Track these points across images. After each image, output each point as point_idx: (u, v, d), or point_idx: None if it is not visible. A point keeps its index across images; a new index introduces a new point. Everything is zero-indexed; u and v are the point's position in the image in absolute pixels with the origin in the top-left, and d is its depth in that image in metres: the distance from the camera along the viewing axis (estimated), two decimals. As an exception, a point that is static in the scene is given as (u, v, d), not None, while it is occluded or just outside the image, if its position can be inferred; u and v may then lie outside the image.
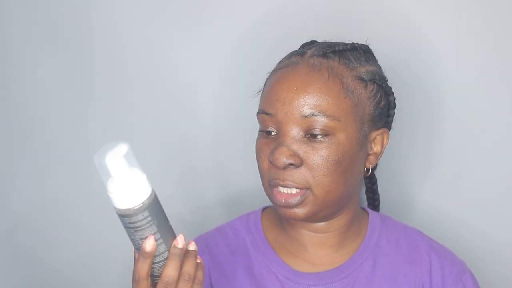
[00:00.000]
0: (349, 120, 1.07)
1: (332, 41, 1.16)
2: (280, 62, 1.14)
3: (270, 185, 1.08)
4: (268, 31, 1.36)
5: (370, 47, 1.16)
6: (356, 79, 1.08)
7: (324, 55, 1.09)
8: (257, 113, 1.10)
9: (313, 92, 1.05)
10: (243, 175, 1.41)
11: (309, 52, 1.10)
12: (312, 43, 1.16)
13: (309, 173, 1.05)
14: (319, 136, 1.05)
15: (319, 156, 1.05)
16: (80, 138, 1.46)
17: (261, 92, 1.14)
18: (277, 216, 1.18)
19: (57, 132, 1.47)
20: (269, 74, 1.13)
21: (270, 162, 1.06)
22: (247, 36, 1.37)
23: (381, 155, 1.14)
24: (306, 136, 1.06)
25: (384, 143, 1.13)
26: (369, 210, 1.19)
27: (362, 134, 1.09)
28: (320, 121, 1.05)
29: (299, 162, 1.05)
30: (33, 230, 1.49)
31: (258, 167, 1.10)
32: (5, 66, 1.46)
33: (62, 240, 1.49)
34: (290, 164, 1.05)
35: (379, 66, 1.16)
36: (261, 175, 1.10)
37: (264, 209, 1.22)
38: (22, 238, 1.50)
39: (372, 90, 1.10)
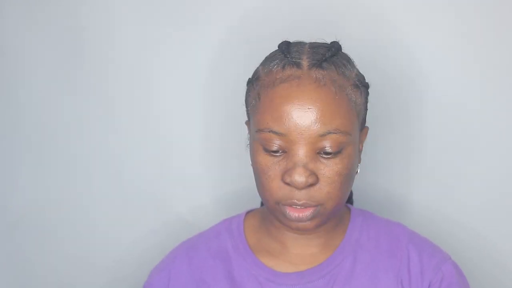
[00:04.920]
0: (355, 131, 1.05)
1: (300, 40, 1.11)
2: (273, 73, 1.06)
3: (279, 203, 1.05)
4: (249, 31, 1.36)
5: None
6: (353, 88, 1.06)
7: (320, 66, 1.04)
8: (260, 130, 1.04)
9: (326, 110, 1.02)
10: (243, 175, 1.41)
11: (305, 64, 1.05)
12: (288, 44, 1.10)
13: (324, 189, 1.03)
14: (332, 153, 1.03)
15: (334, 172, 1.03)
16: (80, 138, 1.46)
17: (252, 105, 1.07)
18: (261, 219, 1.17)
19: (56, 132, 1.47)
20: (259, 86, 1.06)
21: (288, 183, 1.03)
22: (233, 36, 1.38)
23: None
24: (317, 153, 1.03)
25: (363, 139, 1.12)
26: (351, 206, 1.18)
27: (359, 140, 1.09)
28: (334, 138, 1.02)
29: (316, 181, 1.03)
30: (33, 230, 1.49)
31: (262, 185, 1.05)
32: (5, 66, 1.47)
33: (61, 240, 1.49)
34: (310, 184, 1.02)
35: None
36: (266, 193, 1.06)
37: (248, 212, 1.20)
38: (22, 238, 1.50)
39: (362, 94, 1.08)
